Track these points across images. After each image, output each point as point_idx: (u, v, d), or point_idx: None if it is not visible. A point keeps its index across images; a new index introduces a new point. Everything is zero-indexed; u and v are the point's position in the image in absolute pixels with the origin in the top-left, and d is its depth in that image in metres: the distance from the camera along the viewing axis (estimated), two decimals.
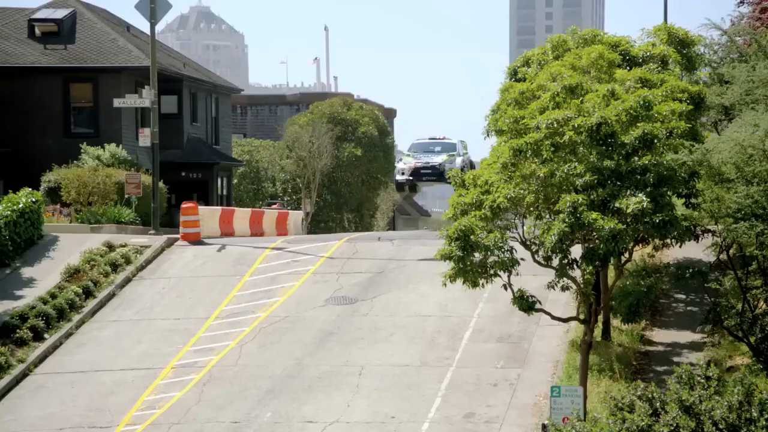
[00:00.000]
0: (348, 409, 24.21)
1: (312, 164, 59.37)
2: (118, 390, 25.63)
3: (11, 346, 27.40)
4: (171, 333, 28.57)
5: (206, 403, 24.67)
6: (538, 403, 23.85)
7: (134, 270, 32.84)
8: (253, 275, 32.42)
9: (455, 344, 27.10)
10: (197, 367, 26.59)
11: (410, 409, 24.01)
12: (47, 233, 35.36)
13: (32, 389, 26.13)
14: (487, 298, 28.61)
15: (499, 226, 22.19)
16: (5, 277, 32.13)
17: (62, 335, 28.63)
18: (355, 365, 26.05)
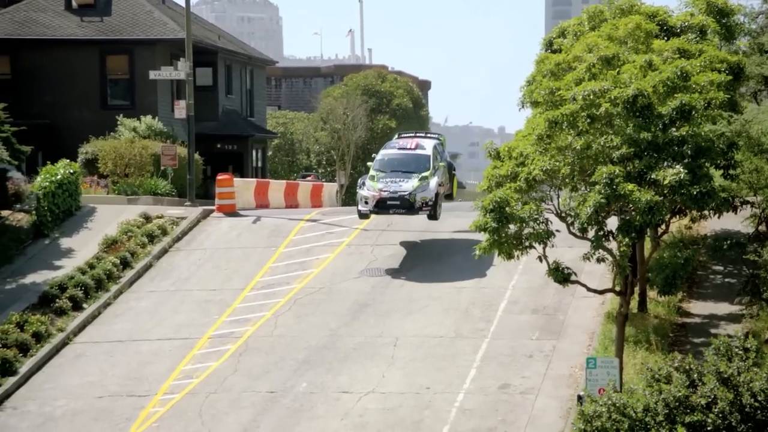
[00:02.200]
0: (383, 379, 24.33)
1: (346, 136, 59.41)
2: (155, 359, 25.91)
3: (51, 316, 27.76)
4: (207, 304, 28.81)
5: (242, 373, 24.88)
6: (573, 374, 23.86)
7: (170, 241, 33.10)
8: (287, 247, 32.57)
9: (490, 316, 27.13)
10: (233, 337, 26.80)
11: (445, 380, 24.10)
12: (85, 204, 35.69)
13: (72, 358, 26.48)
14: (522, 269, 28.58)
15: (534, 198, 22.13)
16: (44, 248, 32.50)
17: (100, 305, 28.95)
18: (389, 336, 26.16)
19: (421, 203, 29.56)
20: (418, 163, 30.41)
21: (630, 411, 15.59)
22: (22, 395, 24.73)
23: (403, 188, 29.73)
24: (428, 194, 29.70)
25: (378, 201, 29.64)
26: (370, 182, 30.11)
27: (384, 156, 30.86)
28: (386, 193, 29.67)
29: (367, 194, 29.92)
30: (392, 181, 29.85)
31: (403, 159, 30.60)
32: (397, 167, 30.30)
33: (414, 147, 30.95)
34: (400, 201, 29.61)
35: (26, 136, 34.75)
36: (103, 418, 23.44)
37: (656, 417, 15.52)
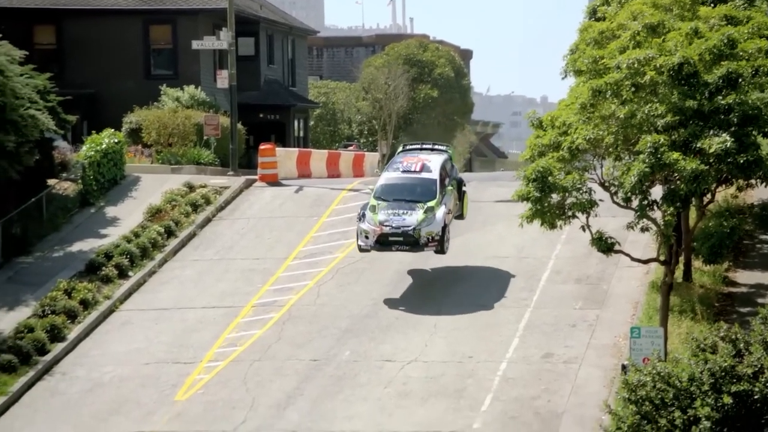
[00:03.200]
0: (426, 348, 24.44)
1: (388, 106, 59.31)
2: (200, 327, 26.19)
3: (98, 283, 28.12)
4: (250, 272, 29.03)
5: (286, 341, 25.09)
6: (617, 344, 23.82)
7: (214, 210, 33.34)
8: (330, 216, 32.69)
9: (533, 285, 27.11)
10: (277, 306, 27.02)
11: (488, 349, 24.16)
12: (129, 173, 36.01)
13: (118, 325, 26.84)
14: (564, 239, 28.50)
15: (578, 168, 22.05)
16: (90, 216, 32.88)
17: (146, 273, 29.27)
18: (432, 305, 26.22)
19: (427, 239, 25.95)
20: (424, 189, 26.65)
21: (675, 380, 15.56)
22: (70, 361, 25.14)
23: (407, 222, 26.00)
24: (435, 228, 26.00)
25: (379, 236, 25.95)
26: (370, 214, 26.30)
27: (386, 181, 27.03)
28: (388, 228, 25.92)
29: (367, 228, 26.14)
30: (395, 213, 26.13)
31: (406, 185, 26.81)
32: (401, 195, 26.59)
33: (419, 169, 27.04)
34: (403, 237, 25.89)
35: (71, 105, 35.06)
36: (150, 384, 23.77)
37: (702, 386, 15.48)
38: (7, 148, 29.35)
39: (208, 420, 22.26)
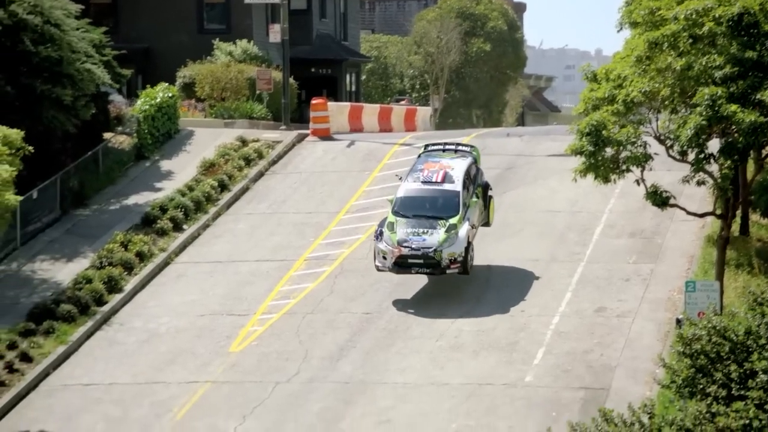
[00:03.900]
0: (478, 302, 24.49)
1: (440, 60, 58.98)
2: (253, 280, 26.45)
3: (153, 236, 28.47)
4: (303, 226, 29.20)
5: (338, 294, 25.26)
6: (671, 297, 23.71)
7: (266, 164, 33.52)
8: (382, 171, 32.70)
9: (586, 240, 26.99)
10: (329, 259, 27.18)
11: (540, 303, 24.16)
12: (183, 127, 36.26)
13: (173, 277, 27.18)
14: (618, 193, 28.28)
15: (632, 121, 21.85)
16: (145, 170, 33.21)
17: (200, 226, 29.56)
18: (484, 259, 26.21)
19: (449, 261, 24.00)
20: (446, 203, 24.60)
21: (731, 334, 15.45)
22: (127, 312, 25.55)
23: (427, 243, 24.05)
24: (457, 248, 24.01)
25: (398, 258, 24.08)
26: (387, 233, 24.39)
27: (405, 193, 24.96)
28: (407, 249, 24.01)
29: (385, 248, 24.23)
30: (414, 233, 24.21)
31: (427, 198, 24.81)
32: (421, 210, 24.62)
33: (441, 179, 24.93)
34: (423, 259, 24.02)
35: (126, 59, 35.31)
36: (205, 335, 24.09)
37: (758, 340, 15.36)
38: (64, 102, 29.68)
39: (262, 371, 22.54)
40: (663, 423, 14.28)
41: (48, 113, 29.36)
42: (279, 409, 21.17)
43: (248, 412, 21.24)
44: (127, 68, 34.73)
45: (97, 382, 22.67)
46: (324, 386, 21.70)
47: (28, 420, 21.56)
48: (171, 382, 22.37)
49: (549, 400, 20.79)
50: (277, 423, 20.83)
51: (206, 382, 22.28)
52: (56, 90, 29.42)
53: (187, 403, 21.61)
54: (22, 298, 25.72)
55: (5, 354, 23.19)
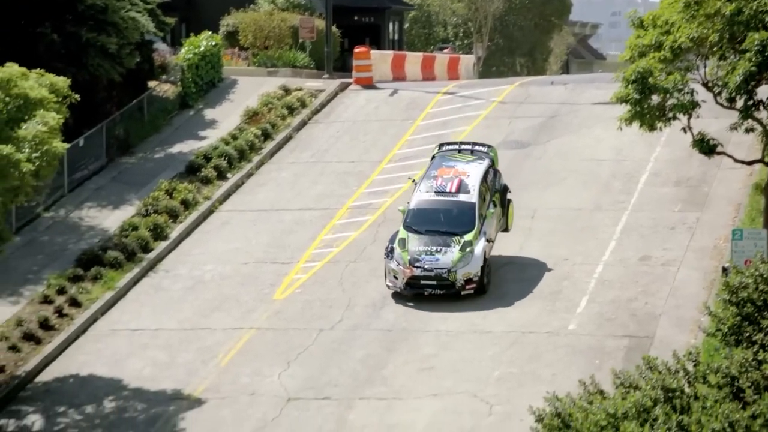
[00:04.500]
0: (521, 251, 24.46)
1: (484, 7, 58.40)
2: (296, 228, 26.60)
3: (197, 184, 28.65)
4: (346, 175, 29.25)
5: (381, 242, 25.30)
6: (717, 246, 23.54)
7: (309, 113, 33.52)
8: (424, 120, 32.61)
9: (630, 188, 26.81)
10: (372, 208, 27.24)
11: (584, 252, 24.09)
12: (227, 76, 36.32)
13: (218, 225, 27.40)
14: (664, 141, 28.04)
15: (680, 68, 21.57)
16: (189, 118, 33.37)
17: (243, 175, 29.70)
18: (527, 209, 26.15)
19: (464, 281, 22.53)
20: (461, 216, 22.96)
21: None
22: (173, 259, 25.81)
23: (441, 263, 22.52)
24: (473, 268, 22.48)
25: (409, 279, 22.59)
26: (399, 250, 22.82)
27: (418, 205, 23.31)
28: (419, 270, 22.53)
29: (395, 267, 22.71)
30: (427, 251, 22.69)
31: (440, 210, 23.18)
32: (434, 224, 23.04)
33: (456, 189, 23.21)
34: (436, 280, 22.55)
35: (170, 8, 35.33)
36: (249, 283, 24.31)
37: None
38: (109, 50, 29.81)
39: (305, 318, 22.73)
40: (708, 371, 14.24)
41: (93, 61, 29.52)
42: (323, 356, 21.37)
43: (292, 358, 21.47)
44: (171, 17, 34.75)
45: (144, 327, 22.99)
46: (367, 333, 21.86)
47: (78, 364, 21.96)
48: (216, 328, 22.63)
49: (592, 348, 20.80)
50: (320, 369, 21.03)
51: (251, 328, 22.52)
52: (101, 38, 29.55)
53: (232, 350, 21.87)
54: (70, 244, 26.08)
55: (55, 299, 23.58)
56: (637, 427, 13.56)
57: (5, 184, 18.82)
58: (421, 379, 20.48)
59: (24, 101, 19.55)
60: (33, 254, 25.60)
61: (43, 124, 19.44)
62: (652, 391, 13.94)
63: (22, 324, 22.55)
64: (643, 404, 13.81)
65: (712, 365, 14.31)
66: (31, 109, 19.61)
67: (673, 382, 13.99)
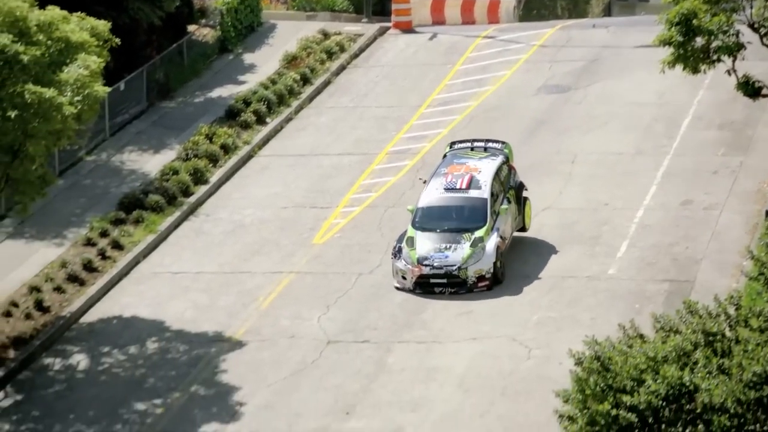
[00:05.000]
0: (560, 196, 24.37)
1: None
2: (335, 173, 26.63)
3: (237, 129, 28.72)
4: (384, 120, 29.19)
5: (420, 187, 25.17)
6: (761, 189, 23.32)
7: (348, 58, 33.38)
8: (464, 64, 32.39)
9: (673, 132, 26.54)
10: (411, 153, 27.20)
11: (624, 196, 23.95)
12: (265, 20, 36.16)
13: (257, 170, 27.49)
14: (708, 84, 27.65)
15: (725, 9, 21.21)
16: (228, 63, 33.34)
17: (282, 120, 29.72)
18: (567, 153, 26.01)
19: (475, 278, 21.48)
20: (472, 213, 21.87)
21: None
22: (213, 203, 25.98)
23: (451, 260, 21.46)
24: (485, 265, 21.43)
25: (418, 278, 21.52)
26: (407, 249, 21.77)
27: (426, 203, 22.25)
28: (428, 268, 21.47)
29: (403, 267, 21.67)
30: (436, 249, 21.61)
31: (450, 208, 22.09)
32: (444, 222, 21.97)
33: (467, 185, 22.11)
34: (447, 278, 21.44)
35: None
36: (288, 227, 24.44)
37: None
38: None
39: (344, 262, 22.85)
40: (750, 314, 14.19)
41: (133, 5, 29.52)
42: (362, 300, 21.50)
43: (332, 302, 21.63)
44: None
45: (185, 270, 23.22)
46: None
47: (121, 305, 22.27)
48: (256, 272, 22.82)
49: (632, 292, 20.76)
50: (359, 313, 21.18)
51: (290, 272, 22.69)
52: None
53: (272, 293, 22.07)
54: (112, 187, 26.31)
55: (98, 241, 23.87)
56: (677, 370, 13.58)
57: (48, 127, 19.00)
58: (460, 323, 20.57)
59: (65, 45, 19.62)
60: (76, 197, 25.88)
61: (85, 67, 19.53)
62: (693, 335, 13.94)
63: (67, 266, 22.87)
64: (684, 348, 13.82)
65: (754, 309, 14.25)
66: (72, 53, 19.68)
67: (714, 326, 13.98)
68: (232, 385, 19.56)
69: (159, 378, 19.97)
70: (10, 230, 24.49)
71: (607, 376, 13.76)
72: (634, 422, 13.54)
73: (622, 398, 13.58)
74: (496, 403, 18.56)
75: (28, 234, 24.37)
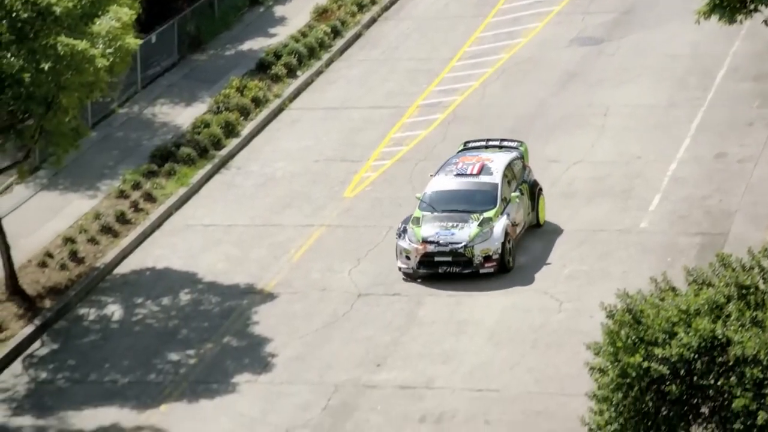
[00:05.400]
0: (592, 148, 24.25)
1: None
2: (366, 126, 26.60)
3: (268, 82, 28.67)
4: (415, 73, 29.06)
5: (451, 141, 25.24)
6: None
7: (379, 10, 33.17)
8: (495, 16, 32.10)
9: (707, 84, 26.25)
10: (441, 106, 27.11)
11: (657, 149, 23.79)
12: None
13: (288, 123, 27.50)
14: (744, 35, 27.28)
15: None
16: (259, 15, 33.23)
17: (313, 73, 29.64)
18: (599, 106, 25.83)
19: (482, 258, 20.66)
20: (482, 196, 21.22)
21: None
22: (244, 156, 26.05)
23: (457, 238, 20.71)
24: (492, 245, 20.65)
25: (422, 257, 20.67)
26: (412, 229, 21.00)
27: (435, 188, 21.58)
28: (433, 246, 20.62)
29: (408, 247, 20.83)
30: (442, 227, 20.90)
31: (460, 192, 21.41)
32: (451, 205, 21.27)
33: (478, 171, 21.51)
34: (452, 256, 20.60)
35: None
36: (320, 180, 24.48)
37: None
38: None
39: (375, 216, 22.90)
40: None
41: None
42: (392, 253, 21.52)
43: (362, 255, 21.72)
44: None
45: (217, 223, 23.37)
46: None
47: (154, 257, 22.46)
48: (287, 225, 22.92)
49: (664, 245, 20.69)
50: (390, 266, 21.25)
51: (321, 225, 22.77)
52: None
53: (303, 246, 22.18)
54: (144, 140, 26.44)
55: (130, 194, 24.04)
56: (710, 323, 13.55)
57: (81, 80, 19.09)
58: (490, 276, 20.58)
59: None
60: (108, 149, 26.04)
61: (117, 19, 19.55)
62: (726, 288, 13.89)
63: (100, 217, 23.08)
64: (716, 301, 13.78)
65: None
66: (104, 5, 19.70)
67: (747, 278, 13.92)
68: (264, 337, 19.74)
69: (192, 329, 20.17)
70: (44, 182, 24.72)
71: (639, 328, 13.76)
72: (666, 374, 13.55)
73: (653, 351, 13.58)
74: (526, 355, 18.63)
75: (62, 186, 24.59)
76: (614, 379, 13.73)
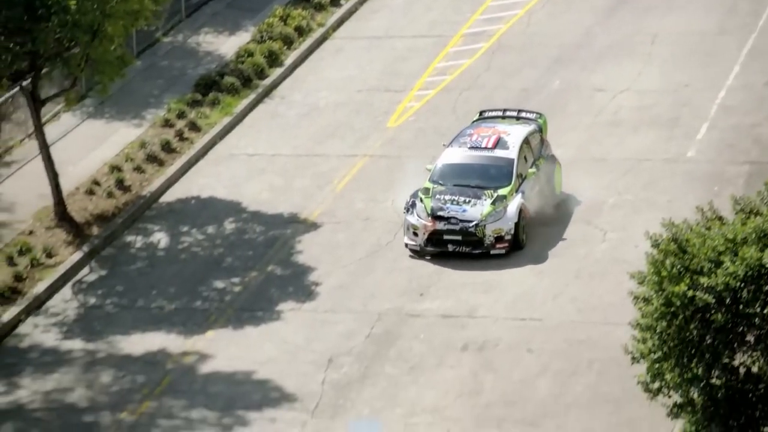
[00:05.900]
0: (639, 77, 23.94)
1: None
2: (409, 56, 26.41)
3: (311, 11, 28.45)
4: (459, 1, 28.72)
5: (495, 70, 25.05)
6: None
7: None
8: None
9: (759, 9, 25.74)
10: (486, 35, 26.82)
11: (705, 77, 23.43)
12: None
13: (332, 52, 27.35)
14: None
15: None
16: None
17: (356, 2, 29.34)
18: (647, 34, 25.42)
19: (494, 239, 19.54)
20: (497, 172, 19.96)
21: None
22: (287, 86, 25.99)
23: (468, 215, 19.53)
24: (505, 224, 19.52)
25: (431, 234, 19.56)
26: (421, 203, 19.85)
27: (447, 160, 20.37)
28: (442, 223, 19.53)
29: (416, 222, 19.71)
30: (453, 201, 19.74)
31: (474, 166, 20.18)
32: (463, 179, 20.05)
33: (493, 144, 20.28)
34: (462, 235, 19.48)
35: None
36: (363, 110, 24.42)
37: None
38: None
39: (419, 146, 22.84)
40: None
41: None
42: None
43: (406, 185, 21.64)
44: None
45: (261, 152, 23.43)
46: None
47: (199, 186, 22.61)
48: (330, 154, 22.93)
49: (711, 174, 20.48)
50: None
51: (364, 155, 22.76)
52: None
53: (346, 176, 22.21)
54: (188, 69, 26.45)
55: (175, 123, 24.14)
56: (757, 251, 13.45)
57: (126, 7, 19.10)
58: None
59: None
60: (153, 78, 26.10)
61: None
62: None
63: (146, 146, 23.23)
64: (764, 229, 13.68)
65: None
66: None
67: None
68: (308, 266, 19.89)
69: (236, 257, 20.36)
70: (90, 110, 24.89)
71: (684, 257, 13.69)
72: (711, 303, 13.51)
73: (699, 280, 13.53)
74: (569, 285, 18.63)
75: (108, 114, 24.75)
76: (658, 308, 13.71)
